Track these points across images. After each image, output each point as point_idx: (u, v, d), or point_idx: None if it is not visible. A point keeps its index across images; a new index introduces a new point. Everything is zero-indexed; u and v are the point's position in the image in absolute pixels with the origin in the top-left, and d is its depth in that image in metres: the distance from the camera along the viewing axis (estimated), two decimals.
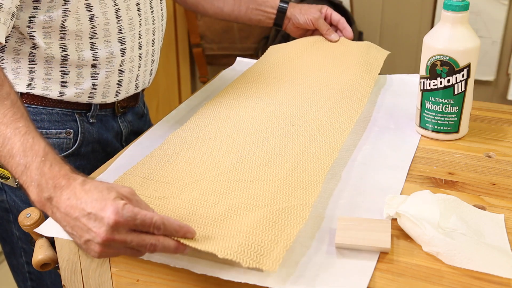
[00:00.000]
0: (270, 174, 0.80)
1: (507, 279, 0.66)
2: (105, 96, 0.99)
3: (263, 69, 1.16)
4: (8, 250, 1.08)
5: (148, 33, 1.00)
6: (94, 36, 0.92)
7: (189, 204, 0.75)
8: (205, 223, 0.71)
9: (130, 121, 1.10)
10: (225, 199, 0.75)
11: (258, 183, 0.78)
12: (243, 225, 0.70)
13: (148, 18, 1.00)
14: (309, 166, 0.82)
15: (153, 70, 1.08)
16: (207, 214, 0.72)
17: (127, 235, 0.63)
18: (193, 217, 0.72)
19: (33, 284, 1.08)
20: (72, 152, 0.99)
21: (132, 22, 0.95)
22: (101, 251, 0.64)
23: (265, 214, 0.71)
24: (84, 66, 0.94)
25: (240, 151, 0.86)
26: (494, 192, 0.83)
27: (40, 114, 0.96)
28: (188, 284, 0.72)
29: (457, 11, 0.91)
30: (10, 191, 0.99)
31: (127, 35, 0.95)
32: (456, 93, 0.93)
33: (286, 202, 0.74)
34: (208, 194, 0.76)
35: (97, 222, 0.63)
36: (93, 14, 0.89)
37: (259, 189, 0.77)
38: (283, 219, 0.71)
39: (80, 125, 0.99)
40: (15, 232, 1.03)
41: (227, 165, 0.82)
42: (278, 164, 0.82)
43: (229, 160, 0.83)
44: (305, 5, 1.25)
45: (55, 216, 0.67)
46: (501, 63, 2.20)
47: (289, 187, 0.77)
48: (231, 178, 0.79)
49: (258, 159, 0.83)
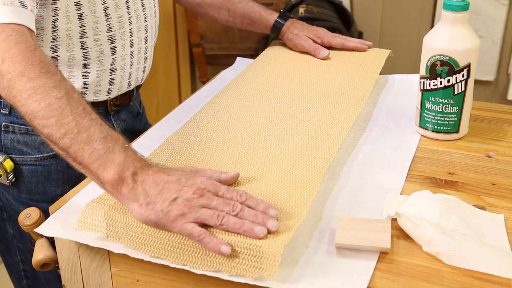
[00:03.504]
0: (268, 173, 0.80)
1: (507, 279, 0.66)
2: (97, 94, 0.99)
3: (263, 67, 1.16)
4: (3, 249, 1.08)
5: (140, 30, 1.00)
6: (84, 35, 0.91)
7: None
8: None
9: (124, 120, 1.09)
10: None
11: (257, 182, 0.78)
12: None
13: (140, 16, 0.99)
14: (308, 165, 0.82)
15: (147, 68, 1.08)
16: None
17: (212, 197, 0.68)
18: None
19: (28, 282, 1.08)
20: None
21: (122, 20, 0.95)
22: (185, 206, 0.66)
23: None
24: (75, 66, 0.94)
25: (239, 150, 0.86)
26: (494, 192, 0.83)
27: None
28: (188, 284, 0.72)
29: (457, 11, 0.91)
30: (3, 189, 0.99)
31: (117, 33, 0.95)
32: (456, 93, 0.93)
33: (285, 201, 0.74)
34: None
35: (189, 180, 0.68)
36: (82, 12, 0.89)
37: (257, 188, 0.77)
38: (281, 218, 0.71)
39: None
40: (10, 230, 1.03)
41: (226, 165, 0.82)
42: (277, 163, 0.82)
43: (227, 159, 0.83)
44: (304, 25, 1.23)
45: (134, 192, 0.68)
46: (501, 63, 2.21)
47: (288, 186, 0.77)
48: None
49: (256, 158, 0.84)
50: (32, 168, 0.97)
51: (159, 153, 0.87)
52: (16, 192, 0.98)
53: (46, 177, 0.98)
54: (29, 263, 1.04)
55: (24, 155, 0.96)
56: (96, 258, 0.75)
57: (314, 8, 2.15)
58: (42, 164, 0.97)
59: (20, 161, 0.96)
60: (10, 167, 0.95)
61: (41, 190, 0.98)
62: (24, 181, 0.97)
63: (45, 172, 0.98)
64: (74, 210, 0.78)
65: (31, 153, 0.96)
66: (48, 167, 0.98)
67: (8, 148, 0.96)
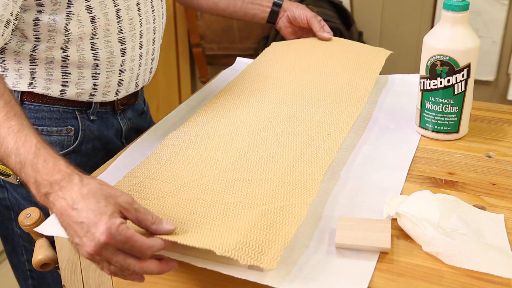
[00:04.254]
0: (268, 173, 0.80)
1: (507, 279, 0.66)
2: (106, 95, 0.99)
3: (263, 67, 1.16)
4: (9, 249, 1.08)
5: (149, 32, 1.00)
6: (95, 37, 0.92)
7: (188, 203, 0.75)
8: (204, 221, 0.71)
9: (130, 118, 1.10)
10: (224, 197, 0.75)
11: (257, 182, 0.78)
12: (241, 223, 0.70)
13: (149, 17, 1.00)
14: (307, 165, 0.82)
15: (153, 68, 1.08)
16: (205, 213, 0.72)
17: (114, 255, 0.63)
18: (192, 216, 0.72)
19: (34, 282, 1.08)
20: (73, 149, 0.99)
21: (133, 22, 0.95)
22: (88, 258, 0.64)
23: (263, 213, 0.71)
24: (85, 67, 0.94)
25: (239, 150, 0.86)
26: (494, 192, 0.83)
27: (41, 111, 0.96)
28: (188, 284, 0.72)
29: (457, 11, 0.91)
30: (12, 189, 1.00)
31: (127, 35, 0.95)
32: (456, 93, 0.93)
33: (284, 201, 0.74)
34: (206, 193, 0.76)
35: (88, 234, 0.62)
36: (94, 15, 0.89)
37: (258, 188, 0.77)
38: (281, 218, 0.71)
39: (81, 123, 0.99)
40: (16, 230, 1.04)
41: (226, 164, 0.82)
42: (276, 163, 0.82)
43: (227, 159, 0.83)
44: (302, 4, 1.26)
45: (53, 212, 0.67)
46: (501, 63, 2.20)
47: (288, 186, 0.77)
48: (230, 177, 0.79)
49: (257, 158, 0.84)
50: None
51: (159, 153, 0.87)
52: (24, 191, 0.98)
53: None
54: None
55: None
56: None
57: (314, 8, 2.15)
58: None
59: None
60: None
61: None
62: None
63: None
64: None
65: None
66: None
67: None
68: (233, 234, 0.67)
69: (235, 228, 0.69)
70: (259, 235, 0.68)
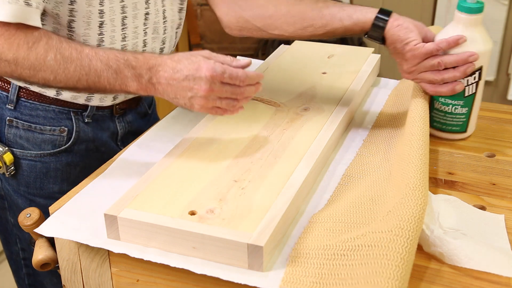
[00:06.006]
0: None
1: (507, 278, 0.66)
2: (103, 100, 0.98)
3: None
4: (2, 239, 1.08)
5: (154, 41, 0.98)
6: (102, 44, 0.90)
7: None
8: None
9: (130, 122, 1.08)
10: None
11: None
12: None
13: (159, 28, 0.98)
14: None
15: None
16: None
17: (221, 87, 0.77)
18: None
19: (28, 271, 1.08)
20: (65, 149, 0.98)
21: (137, 31, 0.94)
22: (204, 102, 0.78)
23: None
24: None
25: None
26: (494, 192, 0.83)
27: (36, 110, 0.96)
28: (188, 284, 0.72)
29: (470, 13, 0.88)
30: (4, 180, 1.00)
31: (130, 43, 0.94)
32: (467, 95, 0.93)
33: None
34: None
35: (196, 80, 0.76)
36: (103, 20, 0.89)
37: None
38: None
39: (75, 124, 0.98)
40: (10, 219, 1.04)
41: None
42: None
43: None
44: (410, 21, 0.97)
45: (159, 92, 0.79)
46: (501, 63, 2.21)
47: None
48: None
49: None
50: (32, 164, 0.97)
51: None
52: (15, 183, 0.99)
53: (44, 173, 0.98)
54: (29, 251, 1.04)
55: (25, 150, 0.97)
56: (96, 258, 0.75)
57: None
58: (42, 160, 0.98)
59: (20, 155, 0.97)
60: (9, 160, 0.96)
61: (38, 186, 0.99)
62: (23, 175, 0.98)
63: (43, 168, 0.98)
64: (74, 210, 0.78)
65: (31, 149, 0.97)
66: (47, 164, 0.98)
67: (11, 142, 0.97)
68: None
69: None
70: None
